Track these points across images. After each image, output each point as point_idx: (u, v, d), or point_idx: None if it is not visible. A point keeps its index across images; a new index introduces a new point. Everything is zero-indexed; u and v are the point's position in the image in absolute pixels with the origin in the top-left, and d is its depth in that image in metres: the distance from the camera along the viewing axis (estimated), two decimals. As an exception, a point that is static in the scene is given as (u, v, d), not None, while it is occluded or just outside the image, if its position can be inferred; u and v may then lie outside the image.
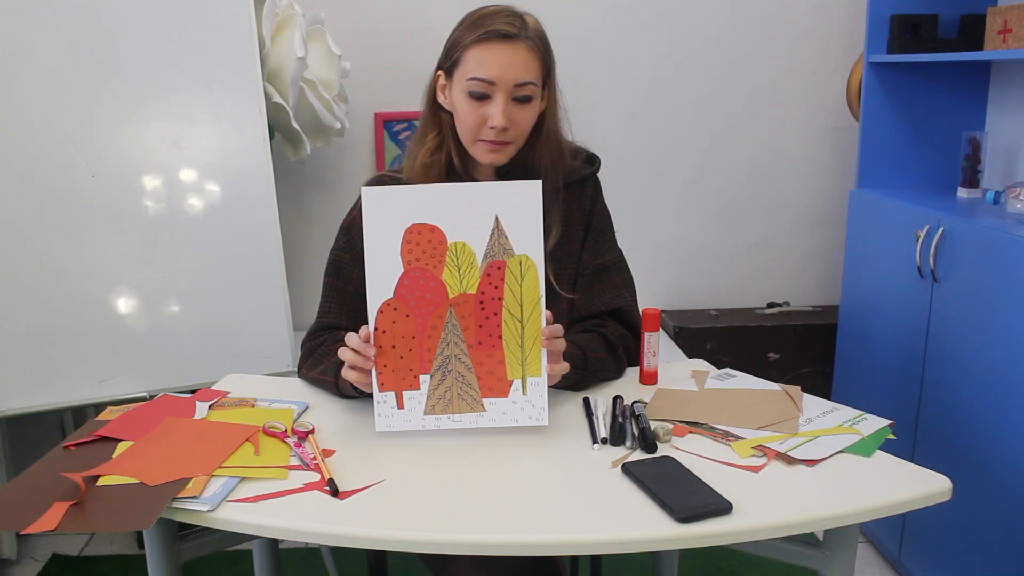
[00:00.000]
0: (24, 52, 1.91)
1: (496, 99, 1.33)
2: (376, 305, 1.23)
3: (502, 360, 1.23)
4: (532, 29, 1.36)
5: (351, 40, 2.60)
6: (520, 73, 1.33)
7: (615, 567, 2.06)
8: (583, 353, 1.39)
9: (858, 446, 1.19)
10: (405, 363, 1.23)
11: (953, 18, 2.32)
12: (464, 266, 1.22)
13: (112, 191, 1.97)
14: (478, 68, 1.32)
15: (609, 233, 1.54)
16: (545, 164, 1.43)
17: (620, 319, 1.50)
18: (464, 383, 1.24)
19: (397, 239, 1.22)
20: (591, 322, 1.49)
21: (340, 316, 1.48)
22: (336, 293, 1.49)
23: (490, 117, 1.34)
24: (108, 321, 1.96)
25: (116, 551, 2.36)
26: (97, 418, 1.30)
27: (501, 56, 1.32)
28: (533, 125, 1.40)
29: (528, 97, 1.35)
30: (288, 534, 1.04)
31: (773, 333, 2.67)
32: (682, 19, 2.73)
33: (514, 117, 1.35)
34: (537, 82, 1.36)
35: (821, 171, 2.87)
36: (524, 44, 1.33)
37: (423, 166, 1.42)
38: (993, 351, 1.81)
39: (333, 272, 1.50)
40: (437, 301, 1.22)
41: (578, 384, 1.39)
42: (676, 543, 1.02)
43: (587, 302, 1.49)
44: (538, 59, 1.35)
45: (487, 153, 1.38)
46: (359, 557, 1.57)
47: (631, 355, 1.49)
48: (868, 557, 2.32)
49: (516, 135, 1.37)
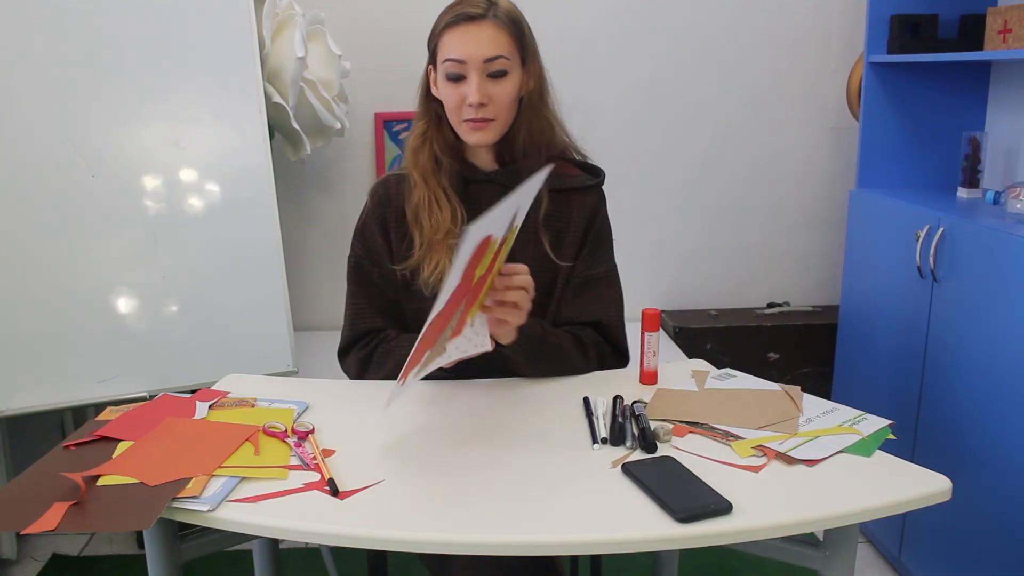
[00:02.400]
0: (24, 52, 1.91)
1: (470, 77, 1.37)
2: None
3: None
4: (501, 8, 1.40)
5: (351, 40, 2.60)
6: (488, 48, 1.37)
7: (615, 567, 2.06)
8: (542, 329, 1.41)
9: (858, 446, 1.19)
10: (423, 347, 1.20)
11: (953, 18, 2.32)
12: (487, 257, 1.20)
13: (112, 191, 1.97)
14: (450, 50, 1.38)
15: (607, 246, 1.55)
16: (528, 140, 1.46)
17: (600, 332, 1.51)
18: (443, 339, 1.23)
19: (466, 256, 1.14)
20: (569, 327, 1.50)
21: (375, 320, 1.51)
22: (364, 299, 1.52)
23: (467, 95, 1.38)
24: (108, 321, 1.96)
25: (116, 551, 2.36)
26: (97, 418, 1.30)
27: (469, 35, 1.37)
28: (514, 100, 1.43)
29: (502, 71, 1.39)
30: (288, 534, 1.04)
31: (773, 333, 2.67)
32: (682, 19, 2.73)
33: (490, 92, 1.38)
34: (509, 56, 1.39)
35: (821, 171, 2.87)
36: (491, 22, 1.38)
37: (412, 151, 1.48)
38: (993, 351, 1.81)
39: (355, 279, 1.52)
40: (462, 295, 1.20)
41: (531, 359, 1.40)
42: (676, 543, 1.02)
43: (570, 311, 1.50)
44: (507, 35, 1.39)
45: (472, 132, 1.41)
46: (359, 557, 1.57)
47: (604, 362, 1.50)
48: (868, 557, 2.32)
49: (496, 111, 1.40)
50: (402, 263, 1.47)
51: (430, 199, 1.44)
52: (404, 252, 1.47)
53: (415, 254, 1.45)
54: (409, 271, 1.46)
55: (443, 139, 1.47)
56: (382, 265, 1.49)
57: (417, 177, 1.46)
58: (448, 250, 1.42)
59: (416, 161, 1.47)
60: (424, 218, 1.44)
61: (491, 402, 1.36)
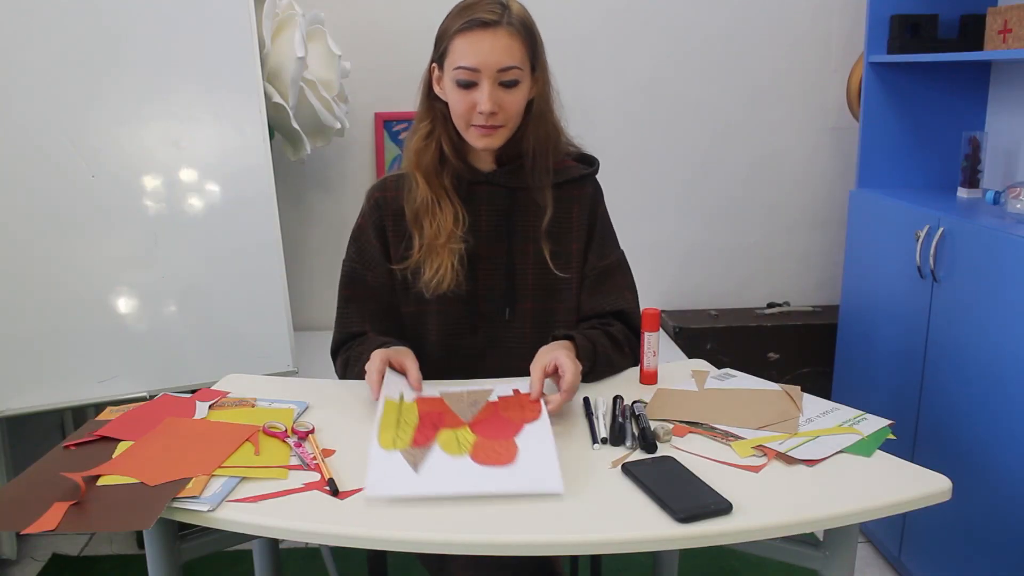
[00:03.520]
0: (24, 52, 1.91)
1: (482, 85, 1.36)
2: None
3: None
4: (515, 14, 1.38)
5: (351, 40, 2.60)
6: (503, 58, 1.35)
7: (615, 567, 2.06)
8: (592, 345, 1.42)
9: (858, 446, 1.19)
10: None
11: (953, 18, 2.31)
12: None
13: (112, 191, 1.97)
14: (463, 57, 1.36)
15: (612, 235, 1.57)
16: (535, 146, 1.45)
17: (623, 320, 1.53)
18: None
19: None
20: (597, 321, 1.52)
21: (362, 324, 1.52)
22: (355, 304, 1.52)
23: (478, 103, 1.36)
24: (108, 321, 1.96)
25: (116, 551, 2.36)
26: (97, 418, 1.30)
27: (483, 43, 1.35)
28: (523, 108, 1.42)
29: (514, 81, 1.38)
30: (288, 534, 1.04)
31: (773, 333, 2.67)
32: (682, 19, 2.73)
33: (501, 101, 1.37)
34: (521, 66, 1.38)
35: (821, 171, 2.87)
36: (505, 30, 1.36)
37: (415, 152, 1.47)
38: (993, 351, 1.81)
39: (348, 284, 1.53)
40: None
41: (586, 377, 1.41)
42: (676, 543, 1.02)
43: (593, 303, 1.53)
44: (521, 43, 1.38)
45: (480, 138, 1.41)
46: (359, 557, 1.57)
47: (635, 354, 1.52)
48: (868, 557, 2.32)
49: (506, 119, 1.40)
50: (401, 263, 1.47)
51: (432, 200, 1.44)
52: (403, 252, 1.47)
53: (414, 254, 1.45)
54: (409, 272, 1.47)
55: (448, 139, 1.46)
56: (376, 268, 1.50)
57: (420, 178, 1.45)
58: (450, 253, 1.43)
59: (419, 162, 1.46)
60: (426, 221, 1.44)
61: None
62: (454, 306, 1.47)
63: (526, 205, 1.48)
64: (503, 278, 1.48)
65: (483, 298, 1.48)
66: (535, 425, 1.18)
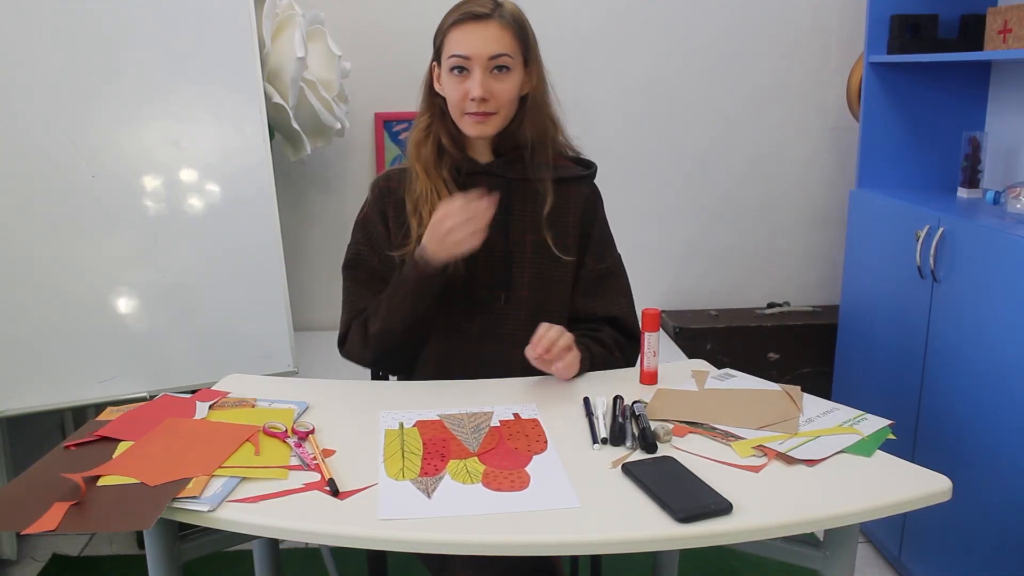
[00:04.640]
0: (24, 52, 1.91)
1: (474, 73, 1.42)
2: None
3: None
4: (507, 10, 1.45)
5: (351, 40, 2.60)
6: (493, 46, 1.42)
7: (615, 567, 2.06)
8: (586, 347, 1.48)
9: (858, 446, 1.19)
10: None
11: (953, 18, 2.31)
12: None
13: (112, 191, 1.97)
14: (456, 46, 1.43)
15: (611, 241, 1.61)
16: (533, 138, 1.50)
17: (616, 326, 1.57)
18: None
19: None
20: (586, 326, 1.55)
21: (372, 301, 1.54)
22: (363, 284, 1.56)
23: (470, 89, 1.42)
24: (108, 321, 1.96)
25: (116, 551, 2.36)
26: (97, 418, 1.30)
27: (475, 34, 1.42)
28: (516, 96, 1.47)
29: (504, 67, 1.43)
30: (288, 534, 1.04)
31: (773, 333, 2.67)
32: (682, 19, 2.73)
33: (492, 88, 1.43)
34: (512, 55, 1.44)
35: (821, 171, 2.87)
36: (497, 22, 1.43)
37: (415, 145, 1.52)
38: (993, 351, 1.81)
39: (353, 264, 1.57)
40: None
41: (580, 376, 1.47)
42: (676, 543, 1.02)
43: (586, 306, 1.56)
44: (511, 34, 1.44)
45: (473, 125, 1.45)
46: (359, 557, 1.57)
47: (628, 358, 1.57)
48: (868, 557, 2.32)
49: (498, 106, 1.44)
50: (399, 250, 1.51)
51: (431, 191, 1.48)
52: (401, 240, 1.51)
53: (410, 243, 1.48)
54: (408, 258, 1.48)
55: (446, 132, 1.51)
56: (381, 253, 1.53)
57: (419, 169, 1.50)
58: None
59: (419, 155, 1.51)
60: (424, 210, 1.47)
61: (492, 402, 1.36)
62: (451, 292, 1.48)
63: (523, 195, 1.52)
64: (500, 266, 1.51)
65: (479, 284, 1.51)
66: (544, 456, 1.18)
